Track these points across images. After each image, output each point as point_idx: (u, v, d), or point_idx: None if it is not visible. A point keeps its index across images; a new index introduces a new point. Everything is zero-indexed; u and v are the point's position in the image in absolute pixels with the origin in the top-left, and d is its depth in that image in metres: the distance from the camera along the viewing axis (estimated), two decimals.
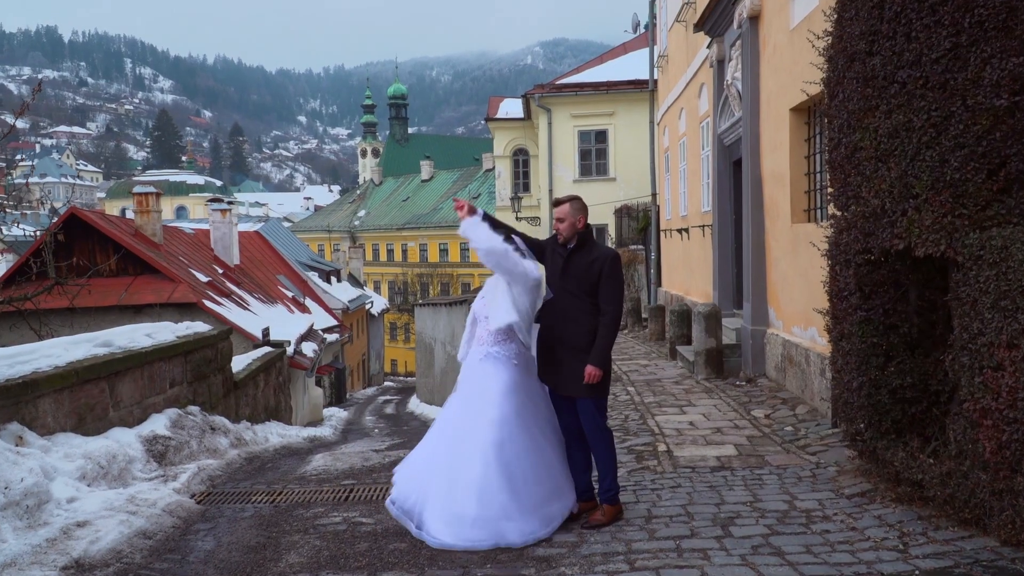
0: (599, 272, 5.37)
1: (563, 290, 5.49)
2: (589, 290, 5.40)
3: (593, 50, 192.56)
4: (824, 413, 8.03)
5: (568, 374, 5.42)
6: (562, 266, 5.50)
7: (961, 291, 4.61)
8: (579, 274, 5.42)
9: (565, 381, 5.46)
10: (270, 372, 13.90)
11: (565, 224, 5.49)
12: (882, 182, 5.21)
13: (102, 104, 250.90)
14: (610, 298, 5.38)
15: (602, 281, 5.37)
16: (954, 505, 4.75)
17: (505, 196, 33.64)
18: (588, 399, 5.41)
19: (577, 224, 5.50)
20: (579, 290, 5.42)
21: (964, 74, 4.66)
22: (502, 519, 5.08)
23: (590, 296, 5.40)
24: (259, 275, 31.48)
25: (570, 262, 5.48)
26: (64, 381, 6.73)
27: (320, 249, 73.81)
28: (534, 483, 5.24)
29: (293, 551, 5.22)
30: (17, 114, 12.67)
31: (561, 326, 5.48)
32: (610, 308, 5.39)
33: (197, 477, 7.20)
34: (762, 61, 10.37)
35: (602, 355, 5.34)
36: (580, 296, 5.42)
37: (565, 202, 5.54)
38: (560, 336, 5.48)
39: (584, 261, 5.44)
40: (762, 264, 10.53)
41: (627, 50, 31.27)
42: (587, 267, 5.41)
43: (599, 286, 5.38)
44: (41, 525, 5.20)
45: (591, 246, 5.53)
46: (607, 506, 5.49)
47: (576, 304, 5.43)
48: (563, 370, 5.46)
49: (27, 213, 59.65)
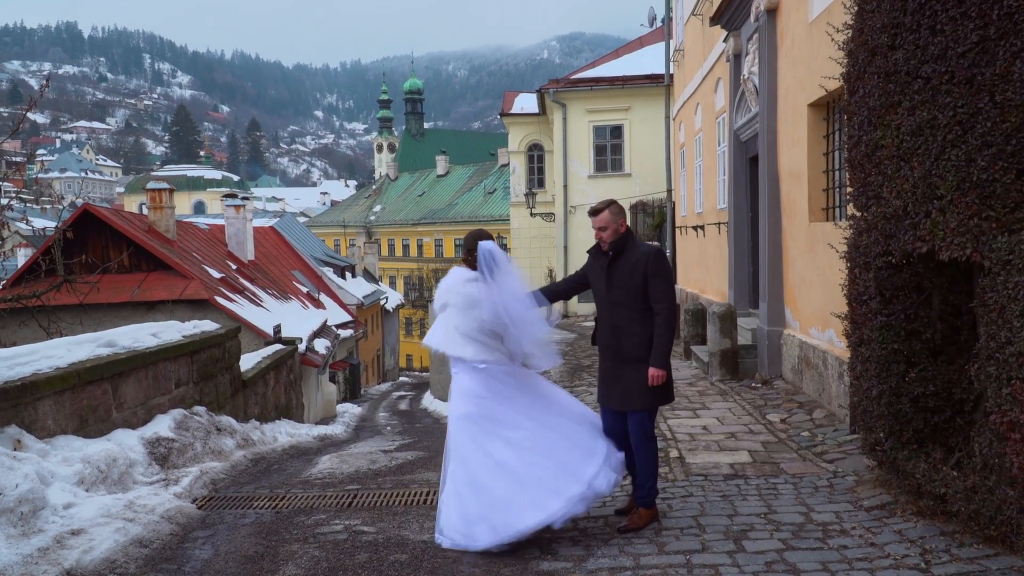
0: (644, 272, 5.23)
1: (610, 303, 5.36)
2: (637, 295, 5.25)
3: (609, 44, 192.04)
4: (842, 418, 7.82)
5: (629, 388, 5.30)
6: (605, 279, 5.35)
7: (988, 297, 4.39)
8: (623, 281, 5.28)
9: (626, 396, 5.33)
10: (280, 370, 13.79)
11: (608, 232, 5.34)
12: (904, 182, 5.00)
13: (121, 99, 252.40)
14: (660, 296, 5.23)
15: (649, 281, 5.23)
16: (979, 521, 4.54)
17: (520, 192, 33.43)
18: (643, 411, 5.33)
19: (620, 229, 5.35)
20: (627, 298, 5.28)
21: (992, 69, 4.42)
22: (477, 521, 5.03)
23: (640, 302, 5.25)
24: (273, 271, 31.41)
25: (612, 271, 5.34)
26: (65, 382, 6.60)
27: (336, 244, 73.85)
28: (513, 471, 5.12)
29: (291, 562, 5.06)
30: (26, 108, 12.64)
31: (615, 340, 5.35)
32: (662, 306, 5.23)
33: (199, 481, 7.06)
34: (779, 55, 10.15)
35: (663, 355, 5.24)
36: (629, 304, 5.28)
37: (603, 209, 5.36)
38: (615, 351, 5.36)
39: (626, 265, 5.29)
40: (779, 263, 10.32)
41: (643, 44, 30.98)
42: (630, 271, 5.26)
43: (647, 287, 5.23)
44: (35, 533, 5.06)
45: (631, 248, 5.36)
46: (643, 510, 5.42)
47: (625, 314, 5.29)
48: (621, 385, 5.33)
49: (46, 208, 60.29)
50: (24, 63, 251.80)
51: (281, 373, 13.86)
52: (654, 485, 5.43)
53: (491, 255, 5.27)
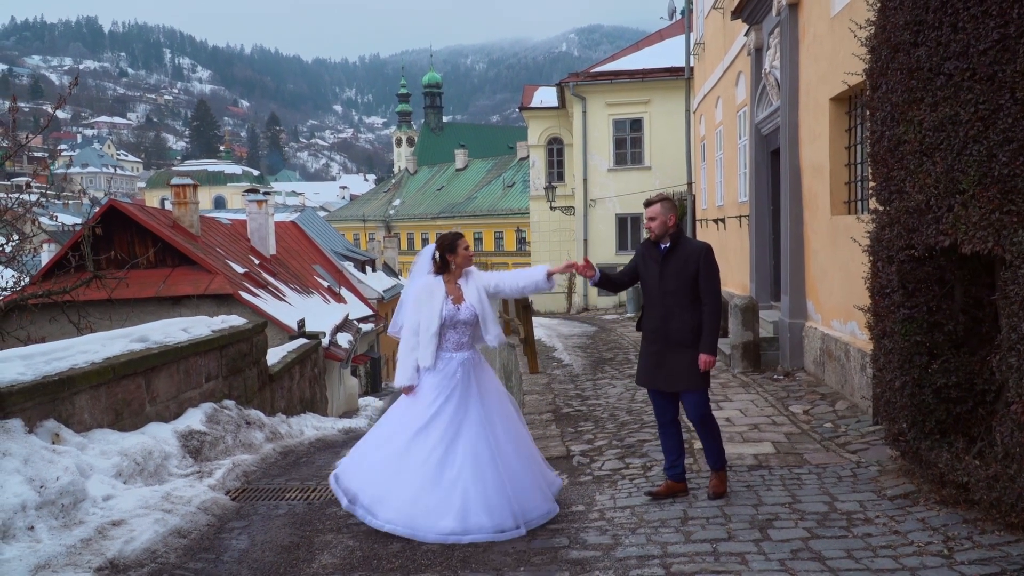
0: (696, 265, 5.69)
1: (663, 291, 5.78)
2: (689, 285, 5.69)
3: (629, 37, 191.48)
4: (864, 409, 7.87)
5: (677, 371, 5.74)
6: (659, 269, 5.77)
7: (1009, 290, 4.46)
8: (677, 272, 5.72)
9: (673, 378, 5.77)
10: (305, 364, 13.95)
11: (657, 223, 5.79)
12: (927, 177, 5.07)
13: (142, 94, 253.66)
14: (709, 288, 5.69)
15: (700, 274, 5.68)
16: (1000, 509, 4.61)
17: (539, 185, 33.51)
18: (695, 392, 5.76)
19: (668, 223, 5.79)
20: (678, 288, 5.71)
21: (1013, 66, 4.49)
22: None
23: (690, 292, 5.69)
24: (295, 265, 31.64)
25: (667, 262, 5.77)
26: (101, 377, 6.76)
27: (355, 238, 74.03)
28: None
29: (326, 551, 5.20)
30: (55, 107, 12.82)
31: (664, 326, 5.76)
32: (711, 299, 5.69)
33: (232, 473, 7.21)
34: (801, 49, 10.17)
35: (712, 342, 5.68)
36: (680, 293, 5.71)
37: (656, 202, 5.85)
38: (662, 336, 5.77)
39: (680, 258, 5.74)
40: (800, 256, 10.36)
41: (663, 37, 30.93)
42: (683, 263, 5.71)
43: (698, 279, 5.69)
44: (76, 524, 5.22)
45: (684, 243, 5.83)
46: (721, 472, 5.91)
47: (677, 301, 5.72)
48: (669, 368, 5.77)
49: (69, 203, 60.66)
50: (45, 58, 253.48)
51: (306, 367, 14.03)
52: (722, 450, 5.93)
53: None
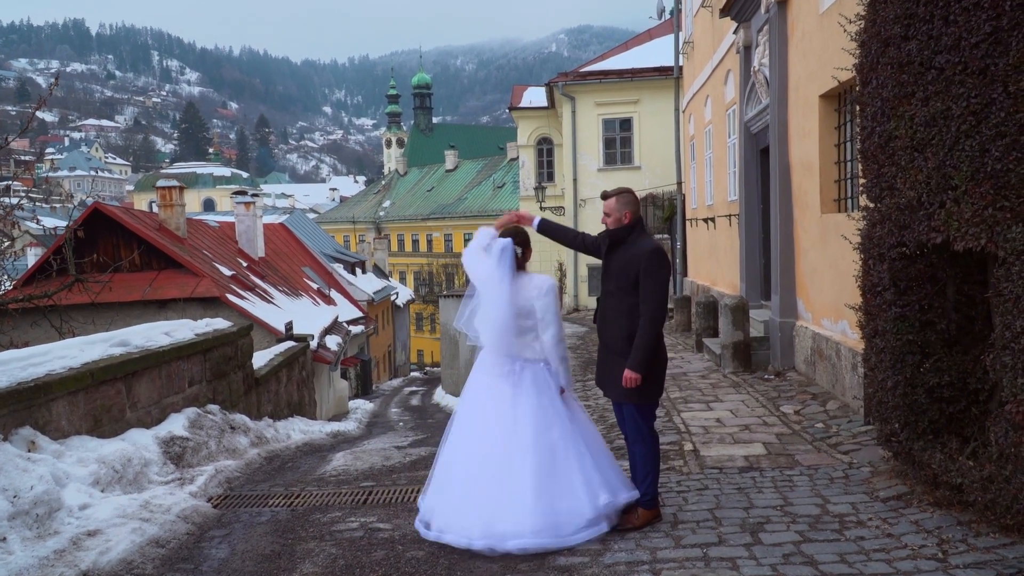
0: (637, 269, 5.05)
1: (605, 291, 5.32)
2: (628, 289, 5.08)
3: (618, 37, 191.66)
4: (856, 409, 7.79)
5: (611, 378, 5.25)
6: (603, 266, 5.33)
7: (1003, 287, 4.37)
8: (618, 272, 5.17)
9: (608, 385, 5.33)
10: (293, 367, 13.81)
11: (611, 219, 5.24)
12: (918, 173, 4.97)
13: (130, 97, 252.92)
14: (648, 297, 5.01)
15: (641, 280, 5.03)
16: (995, 511, 4.52)
17: (529, 186, 33.37)
18: (630, 404, 5.22)
19: (623, 219, 5.20)
20: (618, 289, 5.16)
21: (1005, 59, 4.39)
22: None
23: (629, 296, 5.08)
24: (284, 267, 31.46)
25: (609, 260, 5.27)
26: (79, 383, 6.60)
27: (345, 240, 73.88)
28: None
29: (308, 560, 5.07)
30: (35, 108, 12.64)
31: (603, 328, 5.32)
32: (647, 308, 5.01)
33: (215, 479, 7.08)
34: (790, 46, 10.10)
35: (639, 359, 5.02)
36: (618, 295, 5.15)
37: (612, 195, 5.26)
38: (603, 338, 5.36)
39: (623, 258, 5.16)
40: (790, 255, 10.28)
41: (652, 37, 30.90)
42: (626, 264, 5.12)
43: (639, 284, 5.05)
44: (51, 535, 5.08)
45: (632, 242, 5.19)
46: (643, 510, 5.26)
47: (614, 304, 5.19)
48: (607, 373, 5.31)
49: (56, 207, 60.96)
50: (31, 61, 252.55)
51: (293, 370, 13.88)
52: (652, 485, 5.27)
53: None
